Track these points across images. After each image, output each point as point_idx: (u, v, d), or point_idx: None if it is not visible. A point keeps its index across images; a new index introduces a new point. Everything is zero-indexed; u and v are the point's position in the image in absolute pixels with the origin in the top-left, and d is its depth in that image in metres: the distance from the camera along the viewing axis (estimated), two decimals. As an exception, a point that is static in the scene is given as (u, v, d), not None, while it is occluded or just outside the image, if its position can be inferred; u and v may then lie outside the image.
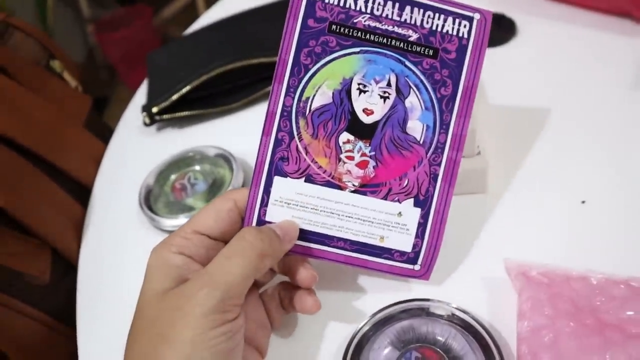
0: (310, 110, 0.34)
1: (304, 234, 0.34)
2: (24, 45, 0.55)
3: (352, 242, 0.34)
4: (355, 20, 0.34)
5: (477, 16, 0.33)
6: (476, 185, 0.42)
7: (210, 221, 0.32)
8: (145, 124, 0.56)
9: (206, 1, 2.22)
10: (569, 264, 0.34)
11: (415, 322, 0.34)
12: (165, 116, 0.55)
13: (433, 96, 0.34)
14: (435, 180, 0.33)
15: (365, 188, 0.34)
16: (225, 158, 0.49)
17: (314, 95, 0.34)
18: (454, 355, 0.31)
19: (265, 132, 0.34)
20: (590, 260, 0.35)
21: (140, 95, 0.65)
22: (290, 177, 0.34)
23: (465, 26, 0.33)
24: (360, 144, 0.33)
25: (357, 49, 0.34)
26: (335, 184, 0.34)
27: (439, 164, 0.33)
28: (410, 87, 0.33)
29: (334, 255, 0.34)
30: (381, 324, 0.34)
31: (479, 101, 0.49)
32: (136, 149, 0.58)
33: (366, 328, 0.34)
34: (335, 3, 0.34)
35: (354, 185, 0.34)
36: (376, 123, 0.33)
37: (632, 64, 0.50)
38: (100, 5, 2.14)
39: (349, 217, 0.34)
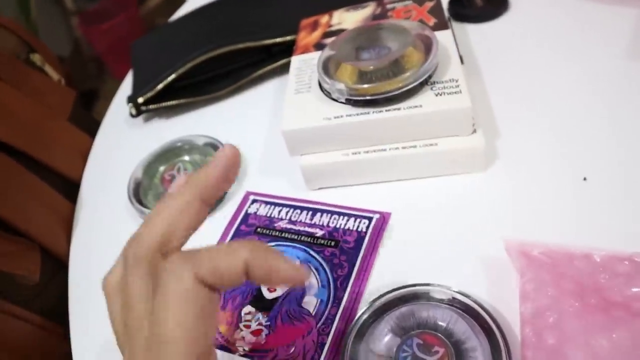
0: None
1: None
2: (1, 38, 0.53)
3: None
4: (275, 225, 0.42)
5: (376, 216, 0.40)
6: (473, 164, 0.40)
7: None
8: (132, 115, 0.55)
9: (191, -11, 2.18)
10: (570, 242, 0.33)
11: (415, 308, 0.33)
12: (151, 106, 0.54)
13: (330, 276, 0.38)
14: (322, 349, 0.34)
15: (253, 353, 0.35)
16: (215, 147, 0.48)
17: None
18: (456, 339, 0.31)
19: None
20: (592, 237, 0.34)
21: (127, 87, 0.63)
22: None
23: (364, 223, 0.40)
24: (259, 315, 0.37)
25: (273, 244, 0.41)
26: (227, 347, 0.36)
27: (327, 334, 0.35)
28: (310, 269, 0.38)
29: None
30: (381, 311, 0.33)
31: (474, 78, 0.48)
32: (124, 141, 0.56)
33: (365, 315, 0.33)
34: (263, 214, 0.43)
35: (244, 350, 0.35)
36: (277, 298, 0.37)
37: (627, 34, 0.48)
38: (84, -2, 2.10)
39: None
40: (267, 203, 0.44)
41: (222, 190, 0.28)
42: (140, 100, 0.54)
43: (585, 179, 0.39)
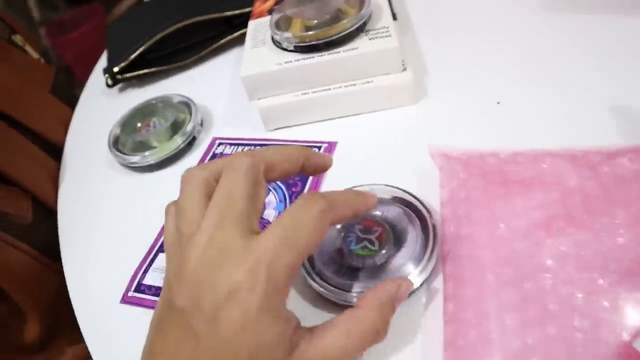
0: None
1: None
2: (-17, 22, 0.59)
3: None
4: None
5: (324, 145, 0.47)
6: (404, 98, 0.48)
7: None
8: (108, 85, 0.61)
9: (157, -3, 2.24)
10: (483, 147, 0.40)
11: None
12: (126, 75, 0.60)
13: (286, 193, 0.44)
14: None
15: None
16: (187, 105, 0.54)
17: None
18: (391, 221, 0.37)
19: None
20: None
21: (100, 69, 0.69)
22: None
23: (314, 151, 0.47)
24: None
25: None
26: None
27: None
28: (270, 190, 0.45)
29: None
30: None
31: (407, 29, 0.56)
32: (101, 108, 0.62)
33: None
34: (229, 153, 0.49)
35: None
36: None
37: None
38: (50, 8, 2.13)
39: None
40: (231, 144, 0.50)
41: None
42: (116, 69, 0.60)
43: (498, 102, 0.46)
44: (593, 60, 0.47)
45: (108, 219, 0.49)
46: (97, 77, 0.68)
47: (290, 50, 0.48)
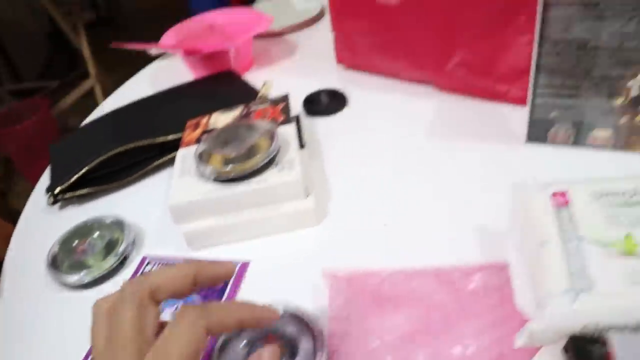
0: None
1: None
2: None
3: None
4: None
5: (239, 264, 0.54)
6: (307, 220, 0.56)
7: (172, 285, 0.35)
8: (49, 204, 0.67)
9: (104, 90, 2.33)
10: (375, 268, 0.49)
11: None
12: (67, 195, 0.66)
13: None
14: None
15: None
16: (119, 224, 0.61)
17: None
18: (287, 336, 0.44)
19: None
20: (393, 264, 0.50)
21: (42, 184, 0.75)
22: None
23: None
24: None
25: None
26: None
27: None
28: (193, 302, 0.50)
29: None
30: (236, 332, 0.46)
31: (316, 157, 0.65)
32: (42, 225, 0.68)
33: (224, 337, 0.46)
34: None
35: None
36: None
37: (427, 120, 0.68)
38: (-5, 101, 2.17)
39: None
40: (159, 263, 0.57)
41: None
42: (57, 190, 0.66)
43: (385, 224, 0.55)
44: (460, 187, 0.57)
45: (45, 334, 0.54)
46: (38, 194, 0.74)
47: (212, 181, 0.56)
